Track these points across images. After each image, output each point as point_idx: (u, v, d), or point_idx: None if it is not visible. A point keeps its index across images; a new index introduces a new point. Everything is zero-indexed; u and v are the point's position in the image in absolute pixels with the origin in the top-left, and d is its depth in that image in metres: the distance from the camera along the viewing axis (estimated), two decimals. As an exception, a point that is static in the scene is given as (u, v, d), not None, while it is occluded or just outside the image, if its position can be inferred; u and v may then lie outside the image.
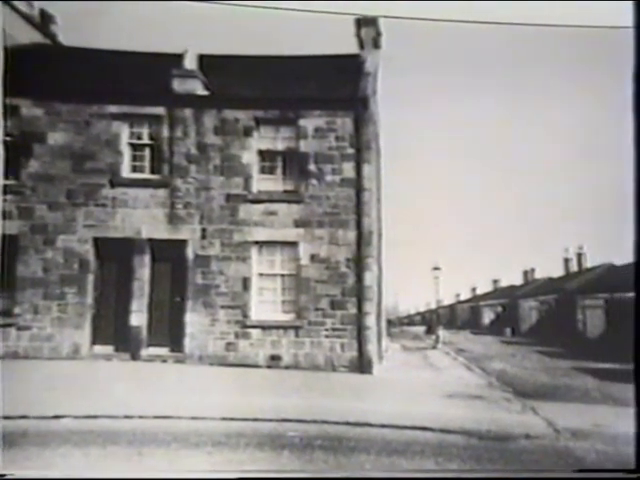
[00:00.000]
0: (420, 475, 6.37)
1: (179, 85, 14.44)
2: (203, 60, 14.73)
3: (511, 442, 7.78)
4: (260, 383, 11.86)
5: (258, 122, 14.35)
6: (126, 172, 14.24)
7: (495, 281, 63.29)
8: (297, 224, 14.02)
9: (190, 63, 14.53)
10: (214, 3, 10.54)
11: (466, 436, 7.93)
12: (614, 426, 8.85)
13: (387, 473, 6.41)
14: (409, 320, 73.04)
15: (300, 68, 15.85)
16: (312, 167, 14.15)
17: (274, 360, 13.55)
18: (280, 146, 14.43)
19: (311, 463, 6.51)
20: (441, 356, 21.26)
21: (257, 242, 14.03)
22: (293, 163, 14.35)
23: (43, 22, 18.61)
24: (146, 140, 14.35)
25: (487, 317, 53.95)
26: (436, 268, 29.75)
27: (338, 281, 13.84)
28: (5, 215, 13.72)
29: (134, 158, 14.34)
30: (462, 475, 6.51)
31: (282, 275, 14.08)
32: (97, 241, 13.99)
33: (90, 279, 13.90)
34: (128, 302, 13.81)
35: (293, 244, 14.01)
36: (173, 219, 14.03)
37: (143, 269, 13.94)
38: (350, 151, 14.18)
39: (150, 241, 14.01)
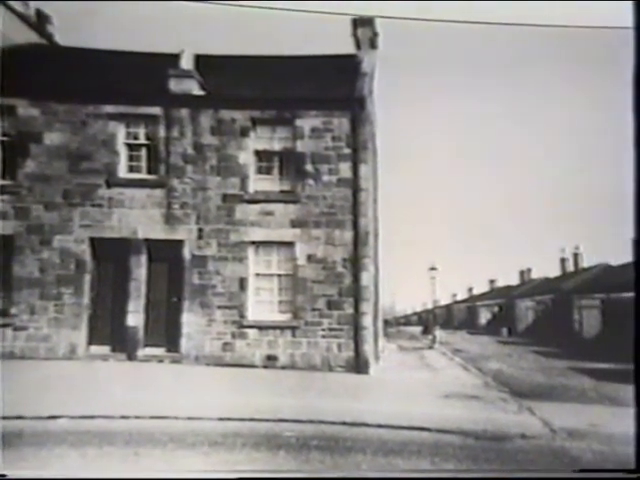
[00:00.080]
0: (416, 475, 6.37)
1: (176, 85, 14.42)
2: (199, 60, 14.71)
3: (507, 442, 7.79)
4: (257, 383, 11.86)
5: (255, 122, 14.35)
6: (122, 172, 14.22)
7: (492, 281, 63.55)
8: (294, 224, 14.02)
9: (186, 63, 14.50)
10: (211, 3, 10.53)
11: (462, 436, 7.94)
12: (610, 426, 8.87)
13: (383, 473, 6.41)
14: (406, 320, 73.23)
15: (297, 68, 15.86)
16: (309, 167, 14.16)
17: (271, 360, 13.54)
18: (277, 146, 14.43)
19: (307, 463, 6.51)
20: (437, 356, 21.29)
21: (254, 242, 14.02)
22: (290, 163, 14.34)
23: (39, 22, 18.59)
24: (142, 140, 14.33)
25: (484, 317, 54.10)
26: (433, 268, 29.80)
27: (335, 281, 13.84)
28: (1, 215, 13.71)
29: (130, 158, 14.33)
30: (458, 475, 6.51)
31: (279, 275, 14.08)
32: (93, 241, 13.97)
33: (87, 279, 13.88)
34: (125, 302, 13.79)
35: (290, 244, 14.00)
36: (170, 219, 14.02)
37: (140, 269, 13.93)
38: (347, 151, 14.18)
39: (147, 241, 13.99)
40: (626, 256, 29.84)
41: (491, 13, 9.37)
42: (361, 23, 16.48)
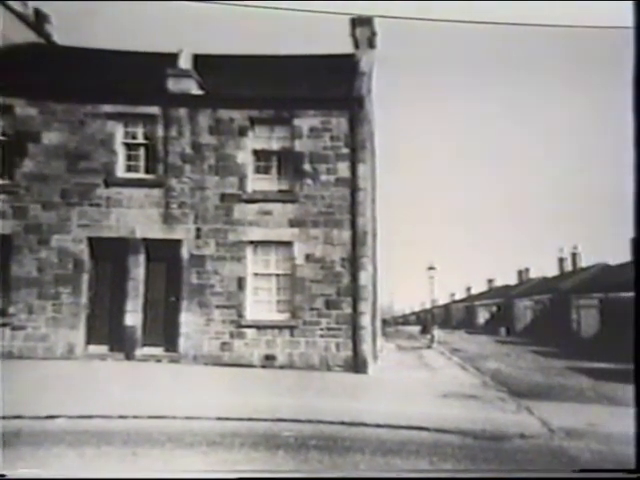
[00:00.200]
0: (415, 475, 6.37)
1: (174, 84, 14.41)
2: (198, 60, 14.70)
3: (506, 442, 7.79)
4: (255, 383, 11.85)
5: (253, 122, 14.34)
6: (121, 172, 14.20)
7: (490, 281, 63.60)
8: (292, 224, 14.01)
9: (185, 62, 14.49)
10: (211, 3, 10.52)
11: (461, 436, 7.94)
12: (608, 425, 8.88)
13: (382, 473, 6.41)
14: (404, 320, 73.31)
15: (295, 68, 15.85)
16: (307, 167, 14.15)
17: (269, 360, 13.54)
18: (275, 146, 14.42)
19: (306, 463, 6.51)
20: (436, 356, 21.30)
21: (252, 242, 14.01)
22: (288, 163, 14.33)
23: (37, 21, 18.56)
24: (141, 140, 14.31)
25: (482, 317, 54.18)
26: (431, 268, 29.81)
27: (333, 281, 13.84)
28: (-1, 215, 13.70)
29: (129, 158, 14.31)
30: (457, 475, 6.51)
31: (277, 275, 14.07)
32: (91, 241, 13.95)
33: (85, 279, 13.87)
34: (123, 302, 13.78)
35: (288, 244, 14.00)
36: (168, 219, 14.00)
37: (138, 269, 13.91)
38: (345, 151, 14.18)
39: (145, 241, 13.98)
40: (624, 256, 29.95)
41: (491, 13, 9.37)
42: (359, 23, 16.48)
